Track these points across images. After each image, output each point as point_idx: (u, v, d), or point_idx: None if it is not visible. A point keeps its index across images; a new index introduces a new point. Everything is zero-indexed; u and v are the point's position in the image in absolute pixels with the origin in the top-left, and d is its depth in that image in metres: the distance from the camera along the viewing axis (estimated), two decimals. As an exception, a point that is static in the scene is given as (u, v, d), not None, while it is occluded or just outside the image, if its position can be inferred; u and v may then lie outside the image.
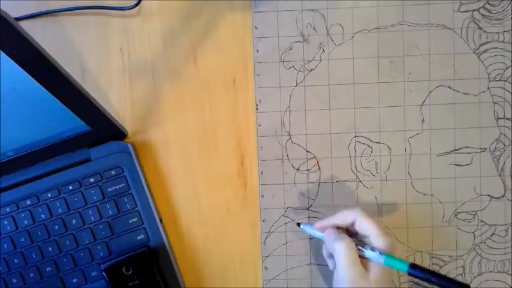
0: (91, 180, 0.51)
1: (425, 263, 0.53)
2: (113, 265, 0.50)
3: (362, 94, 0.53)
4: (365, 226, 0.46)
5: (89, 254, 0.51)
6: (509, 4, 0.52)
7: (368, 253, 0.45)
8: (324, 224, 0.48)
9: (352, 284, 0.46)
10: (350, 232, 0.48)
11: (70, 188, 0.51)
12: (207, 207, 0.54)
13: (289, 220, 0.54)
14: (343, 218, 0.48)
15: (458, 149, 0.53)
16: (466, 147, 0.53)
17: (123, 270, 0.49)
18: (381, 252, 0.44)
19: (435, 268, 0.53)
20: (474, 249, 0.53)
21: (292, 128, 0.53)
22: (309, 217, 0.53)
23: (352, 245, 0.46)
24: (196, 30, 0.53)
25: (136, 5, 0.52)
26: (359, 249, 0.45)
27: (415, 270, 0.42)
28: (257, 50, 0.53)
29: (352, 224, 0.47)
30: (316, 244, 0.53)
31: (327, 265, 0.51)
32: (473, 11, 0.52)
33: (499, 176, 0.53)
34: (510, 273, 0.53)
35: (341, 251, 0.46)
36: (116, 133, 0.51)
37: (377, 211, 0.53)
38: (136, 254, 0.50)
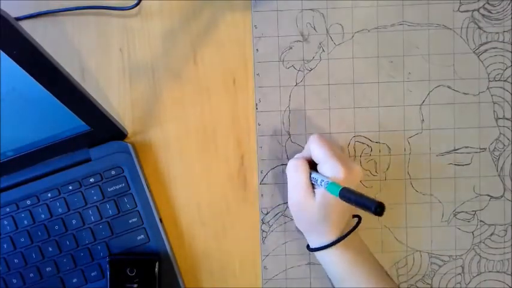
0: (91, 180, 0.51)
1: (424, 263, 0.53)
2: (119, 260, 0.50)
3: (362, 94, 0.53)
4: (316, 152, 0.46)
5: (89, 254, 0.51)
6: (509, 4, 0.52)
7: (314, 175, 0.45)
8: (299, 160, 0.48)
9: (296, 206, 0.47)
10: None
11: (70, 188, 0.51)
12: (207, 207, 0.54)
13: (289, 220, 0.54)
14: (307, 148, 0.48)
15: (457, 149, 0.53)
16: (466, 147, 0.53)
17: (127, 270, 0.49)
18: (324, 179, 0.43)
19: (434, 268, 0.53)
20: (473, 248, 0.53)
21: (291, 128, 0.53)
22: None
23: (302, 167, 0.46)
24: (196, 30, 0.53)
25: (136, 5, 0.52)
26: (311, 174, 0.46)
27: (345, 193, 0.40)
28: (257, 50, 0.53)
29: None
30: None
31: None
32: (473, 11, 0.52)
33: (499, 176, 0.53)
34: (509, 273, 0.53)
35: (289, 172, 0.47)
36: (116, 133, 0.51)
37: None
38: (145, 259, 0.50)
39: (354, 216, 0.49)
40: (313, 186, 0.46)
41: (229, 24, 0.53)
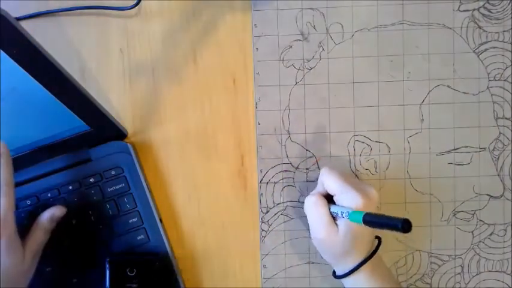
0: (91, 180, 0.51)
1: (424, 262, 0.54)
2: (119, 260, 0.50)
3: (361, 93, 0.53)
4: (330, 184, 0.46)
5: (89, 254, 0.51)
6: (509, 4, 0.52)
7: (333, 209, 0.46)
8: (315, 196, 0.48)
9: (321, 241, 0.47)
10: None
11: (70, 188, 0.51)
12: (207, 207, 0.54)
13: (288, 219, 0.54)
14: (320, 182, 0.48)
15: (457, 148, 0.53)
16: (466, 147, 0.53)
17: (127, 270, 0.50)
18: (344, 210, 0.44)
19: (434, 267, 0.53)
20: (473, 248, 0.53)
21: (291, 127, 0.53)
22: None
23: (320, 202, 0.46)
24: (196, 29, 0.53)
25: (136, 4, 0.51)
26: (330, 208, 0.46)
27: (368, 218, 0.40)
28: (257, 49, 0.53)
29: None
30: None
31: (326, 264, 0.52)
32: (473, 10, 0.52)
33: (498, 175, 0.53)
34: (509, 272, 0.53)
35: (309, 209, 0.47)
36: (116, 133, 0.51)
37: (376, 210, 0.53)
38: (145, 259, 0.50)
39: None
40: (334, 218, 0.46)
41: (229, 24, 0.53)
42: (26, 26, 0.47)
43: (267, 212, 0.54)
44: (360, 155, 0.54)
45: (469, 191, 0.53)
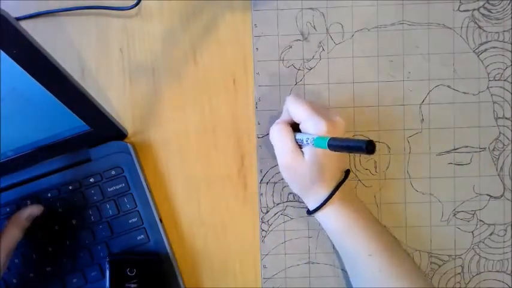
0: (91, 180, 0.51)
1: (424, 262, 0.53)
2: (119, 260, 0.50)
3: (361, 93, 0.53)
4: (295, 111, 0.46)
5: (89, 254, 0.51)
6: (509, 4, 0.52)
7: (298, 136, 0.45)
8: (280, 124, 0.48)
9: (287, 169, 0.47)
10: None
11: (70, 188, 0.51)
12: (207, 207, 0.54)
13: (288, 219, 0.54)
14: (285, 110, 0.48)
15: (457, 149, 0.53)
16: (466, 147, 0.53)
17: (127, 270, 0.50)
18: (309, 137, 0.43)
19: (434, 268, 0.53)
20: (473, 248, 0.53)
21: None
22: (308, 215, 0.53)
23: (285, 129, 0.46)
24: (196, 29, 0.53)
25: (136, 4, 0.51)
26: (296, 136, 0.46)
27: (333, 142, 0.39)
28: (257, 49, 0.53)
29: None
30: (315, 243, 0.54)
31: (326, 264, 0.52)
32: (473, 10, 0.52)
33: (498, 175, 0.53)
34: (509, 272, 0.53)
35: (273, 138, 0.47)
36: (116, 133, 0.51)
37: (376, 210, 0.53)
38: (145, 259, 0.50)
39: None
40: (300, 146, 0.46)
41: (229, 24, 0.53)
42: (26, 26, 0.47)
43: (267, 212, 0.54)
44: (360, 155, 0.54)
45: (469, 191, 0.53)
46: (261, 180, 0.54)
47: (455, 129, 0.53)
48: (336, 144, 0.39)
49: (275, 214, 0.54)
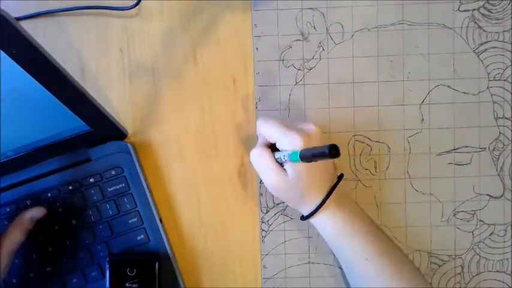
0: (91, 180, 0.51)
1: (424, 262, 0.53)
2: (119, 260, 0.50)
3: (361, 93, 0.53)
4: (268, 132, 0.46)
5: (89, 254, 0.51)
6: (509, 4, 0.52)
7: (277, 155, 0.45)
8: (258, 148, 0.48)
9: (275, 189, 0.47)
10: None
11: (70, 188, 0.51)
12: (207, 207, 0.54)
13: (288, 219, 0.54)
14: (259, 133, 0.48)
15: (457, 149, 0.53)
16: (466, 147, 0.53)
17: (127, 270, 0.50)
18: (285, 153, 0.43)
19: (434, 268, 0.53)
20: (473, 248, 0.53)
21: (291, 127, 0.53)
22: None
23: (263, 152, 0.46)
24: (196, 29, 0.53)
25: (136, 4, 0.51)
26: (275, 156, 0.46)
27: (303, 155, 0.40)
28: (257, 49, 0.53)
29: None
30: (315, 243, 0.54)
31: (326, 264, 0.52)
32: (473, 10, 0.52)
33: (498, 175, 0.53)
34: (509, 272, 0.53)
35: (254, 162, 0.47)
36: (116, 133, 0.51)
37: (376, 210, 0.53)
38: (145, 259, 0.50)
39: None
40: (281, 165, 0.46)
41: (229, 24, 0.53)
42: (26, 26, 0.47)
43: (267, 212, 0.54)
44: (360, 155, 0.54)
45: (469, 191, 0.53)
46: (261, 180, 0.53)
47: (455, 129, 0.53)
48: (306, 155, 0.39)
49: (275, 214, 0.54)
